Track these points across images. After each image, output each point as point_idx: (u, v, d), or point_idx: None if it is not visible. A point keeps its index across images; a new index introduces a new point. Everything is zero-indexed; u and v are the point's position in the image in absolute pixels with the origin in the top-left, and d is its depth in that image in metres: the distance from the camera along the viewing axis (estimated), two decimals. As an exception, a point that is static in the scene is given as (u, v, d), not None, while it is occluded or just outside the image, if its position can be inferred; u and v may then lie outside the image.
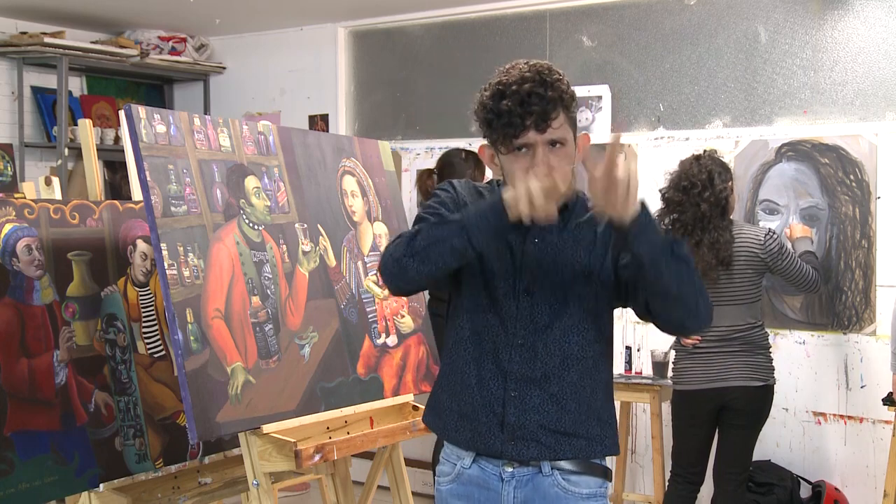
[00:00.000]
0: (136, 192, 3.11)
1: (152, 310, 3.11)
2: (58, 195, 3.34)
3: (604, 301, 2.02)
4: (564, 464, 2.01)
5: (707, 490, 3.89)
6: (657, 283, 1.87)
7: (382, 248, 3.33)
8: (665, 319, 1.97)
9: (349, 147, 3.38)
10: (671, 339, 3.93)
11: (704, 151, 3.76)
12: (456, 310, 2.09)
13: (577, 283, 1.99)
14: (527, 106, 1.87)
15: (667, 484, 3.95)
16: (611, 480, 2.08)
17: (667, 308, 1.93)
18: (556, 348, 1.99)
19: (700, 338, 3.72)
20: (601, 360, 2.05)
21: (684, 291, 1.89)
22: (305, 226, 3.09)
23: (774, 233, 3.73)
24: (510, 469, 2.01)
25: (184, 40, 5.91)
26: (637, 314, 2.01)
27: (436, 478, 2.14)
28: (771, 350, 3.76)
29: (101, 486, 2.87)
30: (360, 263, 3.25)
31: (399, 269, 1.92)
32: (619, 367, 4.35)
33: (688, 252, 1.89)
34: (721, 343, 3.69)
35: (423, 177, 4.64)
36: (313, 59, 5.70)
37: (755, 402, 3.68)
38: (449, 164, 4.54)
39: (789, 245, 3.92)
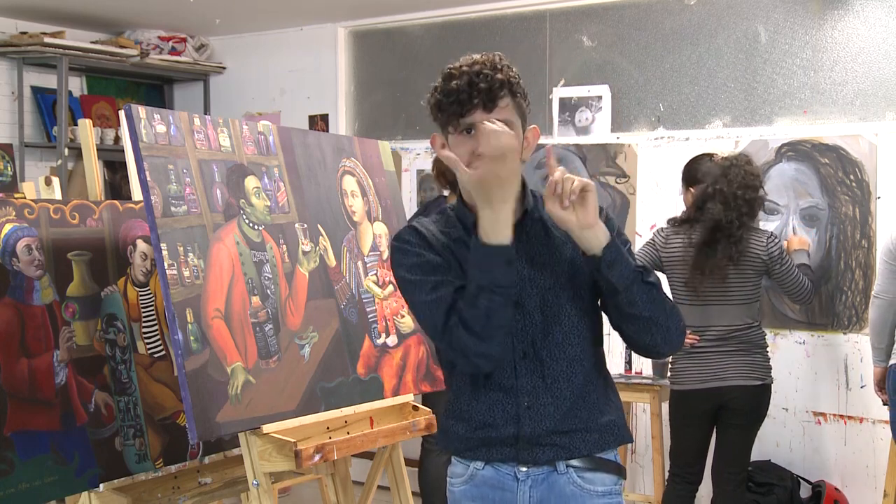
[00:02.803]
0: (136, 192, 3.11)
1: (152, 310, 3.11)
2: (58, 195, 3.34)
3: (591, 296, 2.02)
4: (577, 461, 2.01)
5: (706, 490, 3.89)
6: (631, 307, 1.92)
7: (384, 248, 3.33)
8: (640, 343, 2.01)
9: (349, 147, 3.38)
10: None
11: (741, 155, 3.82)
12: None
13: (566, 284, 1.99)
14: (475, 85, 1.92)
15: (665, 484, 3.95)
16: (625, 478, 2.08)
17: (640, 332, 1.97)
18: (560, 353, 1.99)
19: (698, 337, 3.72)
20: (600, 357, 2.07)
21: (656, 315, 1.94)
22: (305, 226, 3.09)
23: (776, 236, 3.74)
24: (525, 469, 2.01)
25: (184, 40, 5.90)
26: (611, 324, 2.04)
27: (448, 479, 2.12)
28: (768, 349, 3.76)
29: (101, 486, 2.87)
30: (360, 263, 3.25)
31: (486, 360, 1.91)
32: (619, 367, 4.35)
33: (655, 279, 1.94)
34: (718, 343, 3.70)
35: (440, 161, 4.62)
36: (313, 59, 5.70)
37: (753, 402, 3.69)
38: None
39: (788, 252, 3.92)
